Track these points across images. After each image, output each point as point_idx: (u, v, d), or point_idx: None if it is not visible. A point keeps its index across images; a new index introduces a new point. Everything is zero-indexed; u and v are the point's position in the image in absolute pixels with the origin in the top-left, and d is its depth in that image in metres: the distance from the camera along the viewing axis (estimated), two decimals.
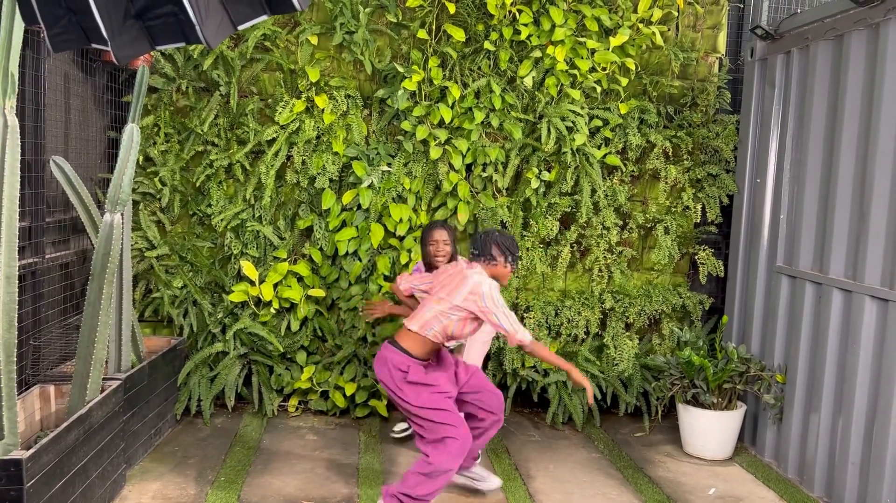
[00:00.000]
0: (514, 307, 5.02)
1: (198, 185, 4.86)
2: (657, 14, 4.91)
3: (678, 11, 5.09)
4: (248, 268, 4.73)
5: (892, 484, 3.50)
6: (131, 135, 3.42)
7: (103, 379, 3.68)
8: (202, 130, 4.79)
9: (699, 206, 5.10)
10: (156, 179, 4.82)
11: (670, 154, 5.08)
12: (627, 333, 5.02)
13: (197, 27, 1.68)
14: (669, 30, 5.12)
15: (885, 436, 3.52)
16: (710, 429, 4.46)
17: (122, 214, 3.52)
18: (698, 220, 5.16)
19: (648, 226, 5.13)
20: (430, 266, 4.05)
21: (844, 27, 3.90)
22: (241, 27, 1.78)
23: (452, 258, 4.05)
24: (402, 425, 4.62)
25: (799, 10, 4.95)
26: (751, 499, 3.95)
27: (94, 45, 1.90)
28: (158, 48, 1.77)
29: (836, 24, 3.99)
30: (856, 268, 3.80)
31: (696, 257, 5.11)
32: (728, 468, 4.39)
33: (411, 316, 3.49)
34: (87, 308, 3.39)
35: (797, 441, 4.22)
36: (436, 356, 3.58)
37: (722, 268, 5.07)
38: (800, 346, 4.20)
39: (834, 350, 3.94)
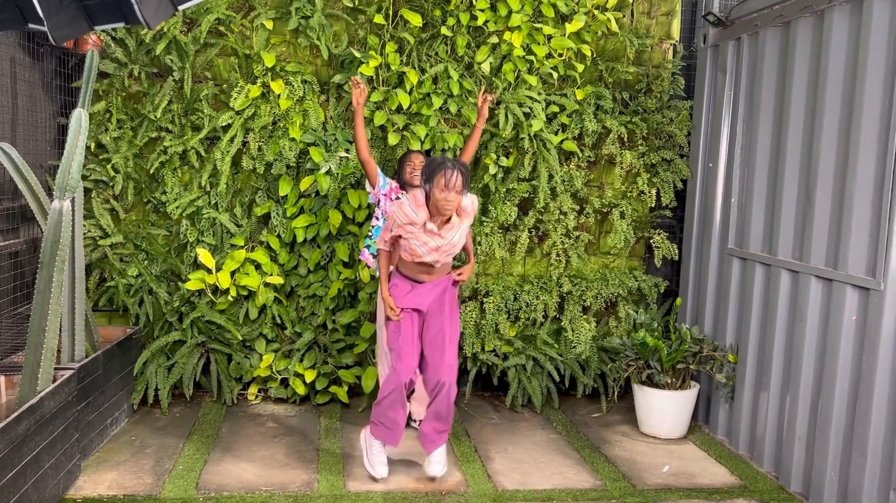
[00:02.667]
0: (475, 292, 5.05)
1: (152, 171, 4.79)
2: (612, 0, 4.96)
3: None
4: (204, 255, 4.68)
5: (835, 458, 3.63)
6: (79, 119, 3.36)
7: (56, 369, 3.62)
8: (155, 116, 4.72)
9: (654, 191, 5.18)
10: (108, 166, 4.74)
11: (626, 139, 5.15)
12: (585, 316, 5.10)
13: (135, 6, 1.65)
14: (624, 16, 5.18)
15: (829, 413, 3.64)
16: (664, 409, 4.56)
17: (72, 201, 3.45)
18: (653, 205, 5.25)
19: (605, 210, 5.20)
20: (405, 185, 4.28)
21: (791, 14, 3.99)
22: (181, 7, 1.76)
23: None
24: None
25: None
26: (703, 476, 4.06)
27: (31, 26, 1.86)
28: (97, 28, 1.74)
29: (783, 11, 4.07)
30: (802, 249, 3.91)
31: (652, 241, 5.20)
32: (682, 446, 4.49)
33: None
34: (37, 296, 3.33)
35: (748, 418, 4.34)
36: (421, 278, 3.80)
37: (676, 251, 5.17)
38: (750, 327, 4.31)
39: (782, 329, 4.05)
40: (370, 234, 4.35)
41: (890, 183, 3.31)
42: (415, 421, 4.55)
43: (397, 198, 4.24)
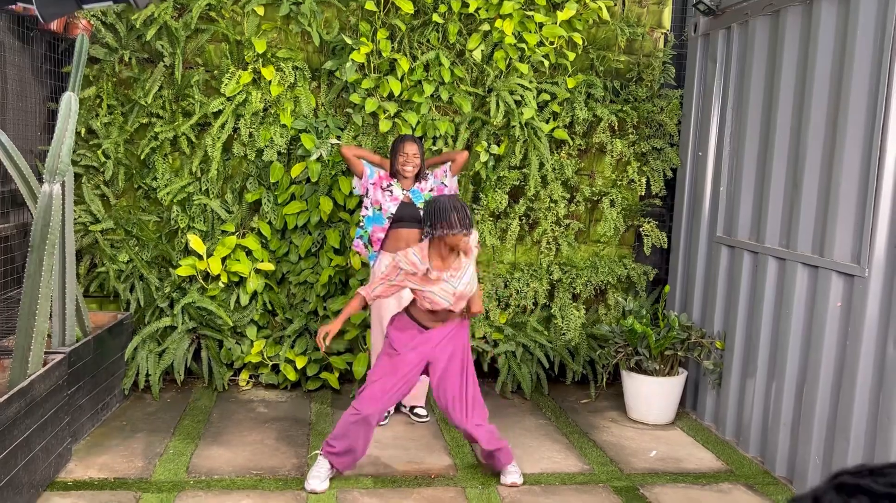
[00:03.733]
0: None
1: (142, 157, 4.79)
2: None
3: None
4: (195, 241, 4.69)
5: (819, 443, 3.68)
6: (69, 103, 3.35)
7: (46, 352, 3.63)
8: (146, 102, 4.71)
9: (644, 180, 5.21)
10: (99, 152, 4.73)
11: (616, 128, 5.17)
12: (574, 304, 5.13)
13: None
14: (616, 5, 5.19)
15: (813, 399, 3.69)
16: (652, 395, 4.61)
17: (62, 185, 3.46)
18: (643, 193, 5.28)
19: (595, 199, 5.23)
20: (395, 174, 4.23)
21: (781, 3, 4.01)
22: None
23: (420, 171, 4.24)
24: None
25: None
26: (690, 461, 4.11)
27: (20, 3, 1.86)
28: (85, 7, 1.74)
29: (772, 1, 4.09)
30: (789, 237, 3.95)
31: (641, 229, 5.23)
32: (669, 432, 4.54)
33: None
34: (27, 280, 3.34)
35: (734, 405, 4.39)
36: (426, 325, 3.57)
37: (665, 239, 5.20)
38: (737, 314, 4.35)
39: (769, 316, 4.10)
40: (361, 223, 4.32)
41: (875, 172, 3.35)
42: (405, 406, 4.58)
43: (388, 185, 4.23)
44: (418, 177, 4.27)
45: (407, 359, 3.54)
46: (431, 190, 4.28)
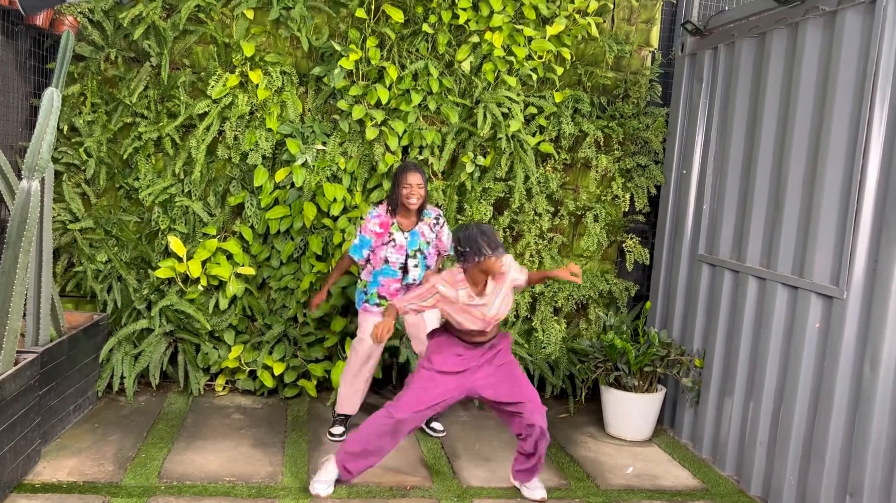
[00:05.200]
0: None
1: (125, 157, 4.74)
2: (593, 5, 5.01)
3: (614, 4, 5.20)
4: (175, 244, 4.64)
5: (794, 463, 3.69)
6: (51, 98, 3.31)
7: (18, 352, 3.57)
8: (131, 101, 4.67)
9: (628, 196, 5.23)
10: (81, 150, 4.68)
11: (602, 144, 5.20)
12: (556, 317, 5.13)
13: None
14: (605, 22, 5.22)
15: (790, 418, 3.70)
16: (631, 411, 4.60)
17: (41, 182, 3.41)
18: (627, 209, 5.30)
19: (579, 213, 5.24)
20: (398, 207, 4.05)
21: (767, 25, 4.06)
22: None
23: (424, 202, 4.07)
24: (340, 428, 4.37)
25: (727, 8, 5.11)
26: (666, 478, 4.10)
27: None
28: (68, 2, 1.72)
29: (759, 23, 4.14)
30: (770, 257, 3.97)
31: (624, 245, 5.25)
32: (647, 448, 4.54)
33: None
34: (1, 277, 3.28)
35: (712, 423, 4.40)
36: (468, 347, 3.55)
37: (648, 256, 5.22)
38: (717, 332, 4.36)
39: (748, 335, 4.11)
40: (365, 289, 4.18)
41: (855, 195, 3.38)
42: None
43: (390, 237, 4.05)
44: (420, 209, 4.10)
45: (447, 383, 3.52)
46: (428, 243, 4.14)
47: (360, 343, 4.21)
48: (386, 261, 4.09)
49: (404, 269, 4.11)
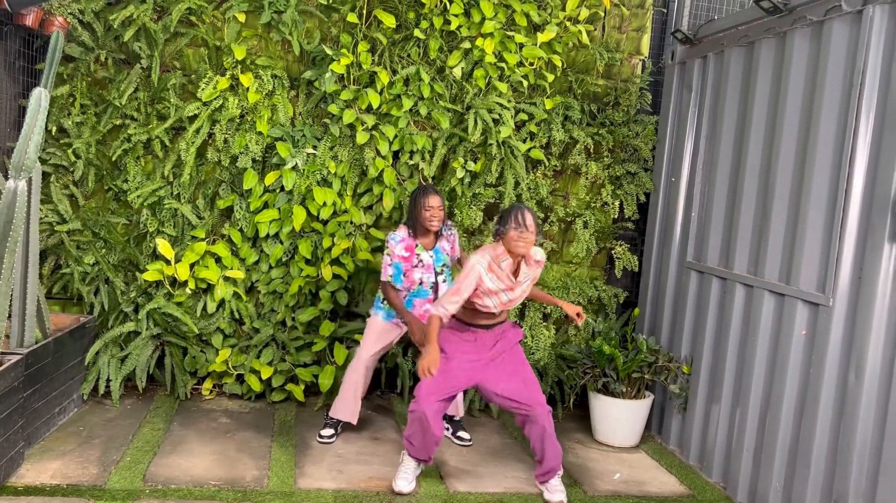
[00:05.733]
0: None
1: (114, 159, 4.72)
2: (584, 13, 5.03)
3: (605, 12, 5.23)
4: (163, 246, 4.62)
5: (780, 470, 3.70)
6: (39, 98, 3.30)
7: (3, 353, 3.55)
8: (120, 103, 4.65)
9: (617, 203, 5.25)
10: (69, 151, 4.66)
11: (592, 151, 5.22)
12: (545, 323, 5.14)
13: None
14: (596, 29, 5.25)
15: (776, 425, 3.71)
16: (618, 418, 4.61)
17: (28, 182, 3.39)
18: (616, 216, 5.32)
19: (568, 220, 5.26)
20: (419, 230, 4.11)
21: (755, 35, 4.09)
22: None
23: (443, 221, 4.18)
24: (330, 430, 4.36)
25: (716, 17, 5.15)
26: (653, 484, 4.11)
27: None
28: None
29: (748, 32, 4.17)
30: (757, 264, 3.99)
31: (613, 252, 5.27)
32: (634, 455, 4.54)
33: None
34: None
35: (699, 429, 4.41)
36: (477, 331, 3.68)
37: (636, 263, 5.24)
38: (705, 339, 4.38)
39: (735, 342, 4.13)
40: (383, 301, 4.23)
41: (841, 203, 3.41)
42: (445, 427, 4.48)
43: (418, 258, 4.11)
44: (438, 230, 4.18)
45: (462, 367, 3.64)
46: (448, 255, 4.24)
47: (360, 360, 4.21)
48: (420, 282, 4.13)
49: (435, 289, 4.18)
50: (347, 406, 4.27)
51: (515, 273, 3.57)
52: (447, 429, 4.51)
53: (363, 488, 3.74)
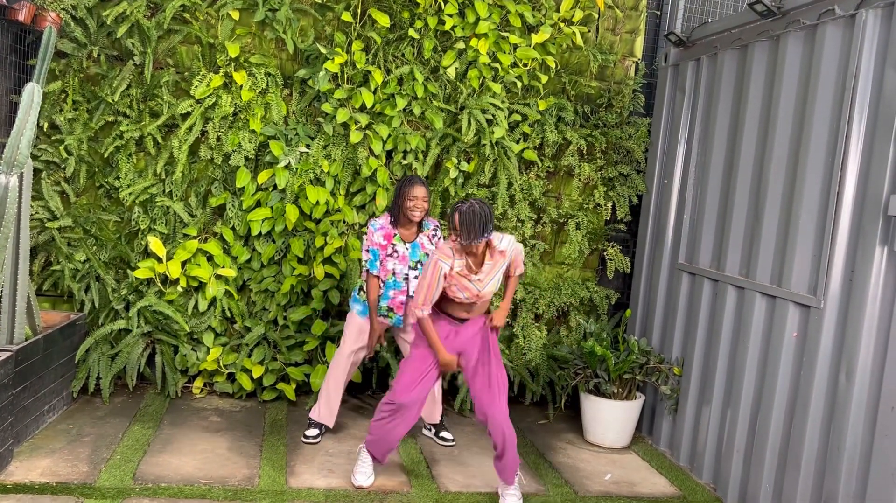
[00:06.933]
0: None
1: (106, 156, 4.69)
2: (578, 15, 5.05)
3: (599, 14, 5.25)
4: (155, 244, 4.60)
5: (770, 471, 3.71)
6: (31, 94, 3.28)
7: None
8: (113, 100, 4.63)
9: (610, 204, 5.27)
10: (61, 148, 4.63)
11: (585, 152, 5.23)
12: (537, 324, 5.14)
13: None
14: (589, 31, 5.27)
15: (766, 427, 3.73)
16: (609, 419, 4.62)
17: (19, 178, 3.37)
18: (608, 218, 5.33)
19: (561, 221, 5.26)
20: (400, 219, 4.03)
21: (749, 38, 4.11)
22: None
23: (426, 214, 4.10)
24: (314, 430, 4.33)
25: (710, 20, 5.17)
26: (644, 485, 4.12)
27: None
28: None
29: (741, 35, 4.19)
30: (749, 266, 4.01)
31: (605, 253, 5.28)
32: (625, 456, 4.55)
33: None
34: None
35: (690, 431, 4.42)
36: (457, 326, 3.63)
37: (628, 264, 5.25)
38: (696, 340, 4.40)
39: (726, 344, 4.15)
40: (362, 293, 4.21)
41: (833, 206, 3.42)
42: (430, 428, 4.52)
43: (393, 248, 4.06)
44: (420, 220, 4.09)
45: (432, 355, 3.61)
46: (427, 254, 4.12)
47: (341, 356, 4.20)
48: (393, 272, 4.09)
49: (407, 280, 4.12)
50: (325, 407, 4.26)
51: (480, 264, 3.50)
52: (430, 429, 4.51)
53: (355, 488, 3.73)
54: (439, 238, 4.23)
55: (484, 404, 3.56)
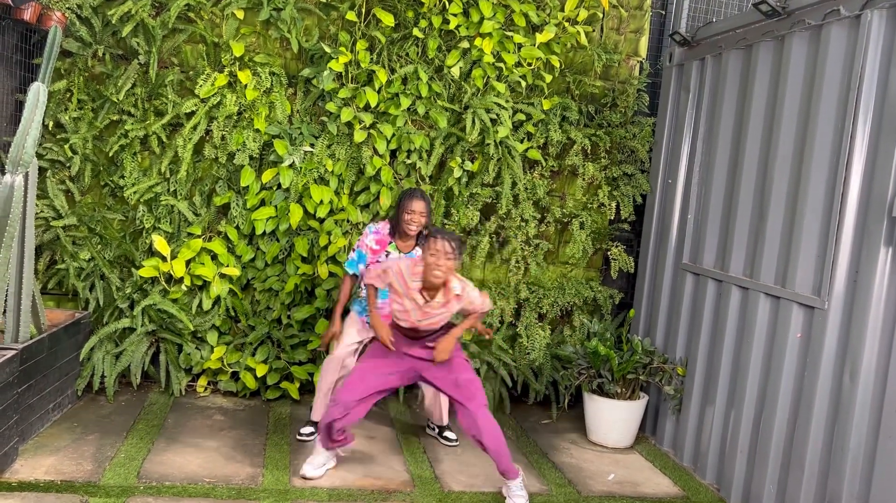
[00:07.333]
0: None
1: (111, 155, 4.70)
2: (583, 14, 5.04)
3: (603, 13, 5.24)
4: (159, 243, 4.61)
5: (774, 472, 3.71)
6: (37, 93, 3.29)
7: None
8: (118, 99, 4.64)
9: (614, 204, 5.26)
10: (66, 147, 4.64)
11: (589, 152, 5.23)
12: (540, 324, 5.14)
13: None
14: (594, 31, 5.26)
15: (770, 427, 3.73)
16: (613, 418, 4.61)
17: (25, 177, 3.38)
18: (612, 218, 5.33)
19: (565, 220, 5.26)
20: (398, 232, 4.04)
21: (753, 38, 4.10)
22: None
23: (425, 228, 4.09)
24: (309, 428, 4.35)
25: (715, 20, 5.16)
26: (647, 485, 4.12)
27: None
28: None
29: (746, 35, 4.18)
30: (753, 267, 4.00)
31: (609, 253, 5.27)
32: (628, 456, 4.55)
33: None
34: None
35: (693, 431, 4.42)
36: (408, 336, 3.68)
37: (632, 264, 5.25)
38: (700, 341, 4.39)
39: (730, 345, 4.14)
40: (360, 296, 4.21)
41: (838, 206, 3.42)
42: (433, 428, 4.52)
43: (387, 255, 4.07)
44: (419, 235, 4.09)
45: (393, 358, 3.66)
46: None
47: (332, 356, 4.20)
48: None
49: None
50: (319, 406, 4.26)
51: (432, 296, 3.50)
52: (433, 429, 4.51)
53: (358, 487, 3.74)
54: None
55: (463, 398, 3.59)
